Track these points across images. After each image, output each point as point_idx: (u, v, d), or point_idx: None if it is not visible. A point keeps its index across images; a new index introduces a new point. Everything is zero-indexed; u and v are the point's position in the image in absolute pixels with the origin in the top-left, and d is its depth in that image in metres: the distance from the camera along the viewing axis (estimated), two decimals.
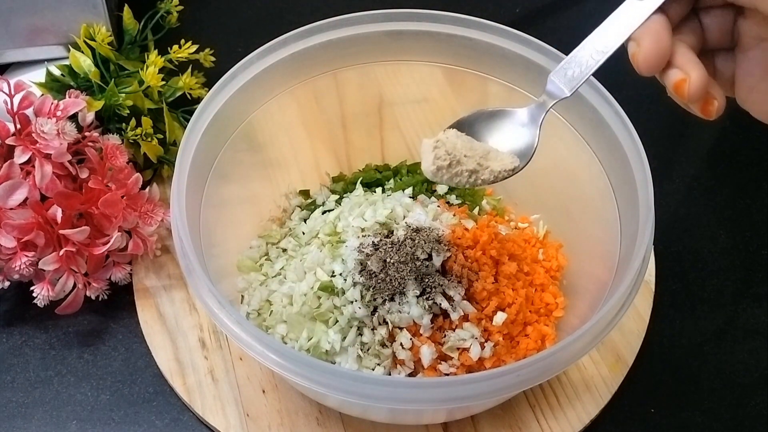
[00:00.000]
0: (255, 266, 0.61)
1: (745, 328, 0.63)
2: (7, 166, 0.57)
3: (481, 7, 0.49)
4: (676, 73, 0.40)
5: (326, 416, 0.57)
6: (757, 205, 0.71)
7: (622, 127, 0.53)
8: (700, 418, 0.58)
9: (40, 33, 0.69)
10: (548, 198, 0.63)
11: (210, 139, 0.55)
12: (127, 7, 0.72)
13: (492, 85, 0.60)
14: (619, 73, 0.58)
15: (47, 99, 0.61)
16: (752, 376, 0.60)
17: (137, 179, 0.62)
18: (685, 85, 0.39)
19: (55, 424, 0.58)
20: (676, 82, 0.40)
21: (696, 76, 0.39)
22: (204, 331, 0.61)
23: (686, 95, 0.40)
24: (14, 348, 0.61)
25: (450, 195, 0.65)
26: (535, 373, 0.44)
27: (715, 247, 0.68)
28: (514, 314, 0.55)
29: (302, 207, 0.66)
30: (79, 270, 0.59)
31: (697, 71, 0.39)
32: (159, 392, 0.59)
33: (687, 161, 0.74)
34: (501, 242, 0.58)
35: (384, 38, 0.60)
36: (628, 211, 0.52)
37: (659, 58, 0.40)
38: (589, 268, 0.58)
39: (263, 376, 0.59)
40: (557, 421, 0.56)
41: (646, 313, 0.62)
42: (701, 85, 0.39)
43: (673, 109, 0.44)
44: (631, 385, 0.59)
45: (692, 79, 0.39)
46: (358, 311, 0.53)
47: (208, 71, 0.73)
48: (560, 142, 0.59)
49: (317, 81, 0.62)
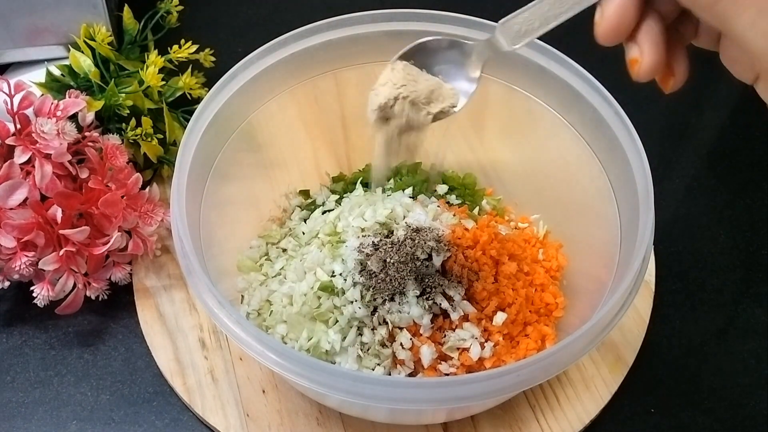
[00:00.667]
0: (255, 266, 0.61)
1: (745, 328, 0.63)
2: (7, 166, 0.57)
3: (481, 7, 0.49)
4: (633, 51, 0.40)
5: (326, 416, 0.57)
6: (757, 205, 0.71)
7: (622, 127, 0.53)
8: (700, 418, 0.58)
9: (40, 33, 0.69)
10: (548, 198, 0.63)
11: (210, 139, 0.55)
12: (127, 7, 0.72)
13: (492, 85, 0.60)
14: (619, 73, 0.58)
15: (47, 99, 0.61)
16: (752, 376, 0.60)
17: (137, 179, 0.62)
18: (636, 66, 0.40)
19: (55, 424, 0.58)
20: (630, 59, 0.40)
21: (648, 60, 0.39)
22: (204, 331, 0.61)
23: (635, 75, 0.40)
24: (14, 348, 0.61)
25: (450, 195, 0.65)
26: (535, 373, 0.44)
27: (715, 247, 0.68)
28: (514, 314, 0.55)
29: (302, 207, 0.66)
30: (79, 270, 0.59)
31: (651, 55, 0.39)
32: (159, 392, 0.59)
33: (687, 161, 0.74)
34: (501, 242, 0.58)
35: (384, 38, 0.60)
36: (628, 211, 0.52)
37: (618, 30, 0.39)
38: (589, 268, 0.58)
39: (263, 376, 0.59)
40: (557, 421, 0.56)
41: (646, 313, 0.62)
42: (651, 70, 0.39)
43: (673, 109, 0.44)
44: (631, 385, 0.59)
45: (644, 62, 0.39)
46: (358, 311, 0.53)
47: (208, 71, 0.73)
48: (560, 142, 0.59)
49: (317, 81, 0.62)
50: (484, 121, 0.64)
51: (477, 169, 0.68)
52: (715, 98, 0.78)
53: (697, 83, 0.77)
